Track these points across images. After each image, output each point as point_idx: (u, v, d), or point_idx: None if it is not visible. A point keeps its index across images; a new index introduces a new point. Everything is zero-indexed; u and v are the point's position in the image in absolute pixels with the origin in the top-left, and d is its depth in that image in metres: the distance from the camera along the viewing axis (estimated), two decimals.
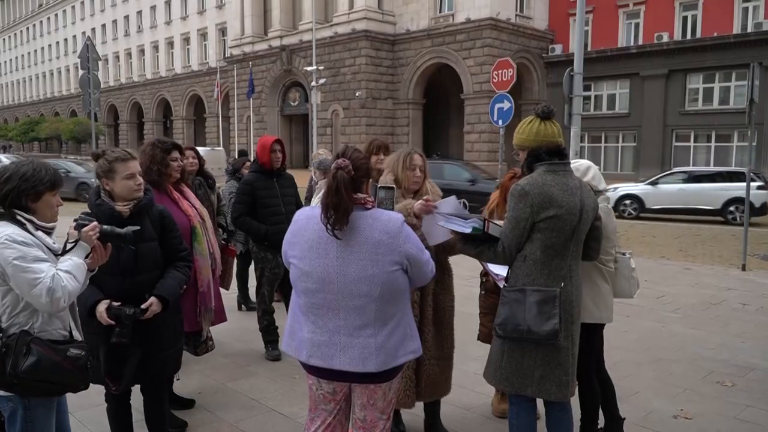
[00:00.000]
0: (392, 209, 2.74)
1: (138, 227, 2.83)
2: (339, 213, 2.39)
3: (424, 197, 3.18)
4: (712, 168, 24.02)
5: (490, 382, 3.17)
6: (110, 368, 3.10)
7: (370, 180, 2.65)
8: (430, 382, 3.62)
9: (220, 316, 4.51)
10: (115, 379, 3.14)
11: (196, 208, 4.21)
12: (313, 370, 2.59)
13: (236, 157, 14.05)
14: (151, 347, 3.18)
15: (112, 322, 2.95)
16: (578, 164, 3.64)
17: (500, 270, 3.55)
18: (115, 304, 2.98)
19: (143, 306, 3.06)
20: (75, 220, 2.70)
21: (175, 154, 4.16)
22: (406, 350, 2.59)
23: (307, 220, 2.54)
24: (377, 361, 2.48)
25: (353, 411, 2.68)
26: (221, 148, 33.71)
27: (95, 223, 2.68)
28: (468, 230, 2.92)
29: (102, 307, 2.96)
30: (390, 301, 2.50)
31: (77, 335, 2.74)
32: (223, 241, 5.63)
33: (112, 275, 3.02)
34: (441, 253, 3.56)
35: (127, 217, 3.07)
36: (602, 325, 3.68)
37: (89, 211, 3.05)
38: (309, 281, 2.49)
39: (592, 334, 3.59)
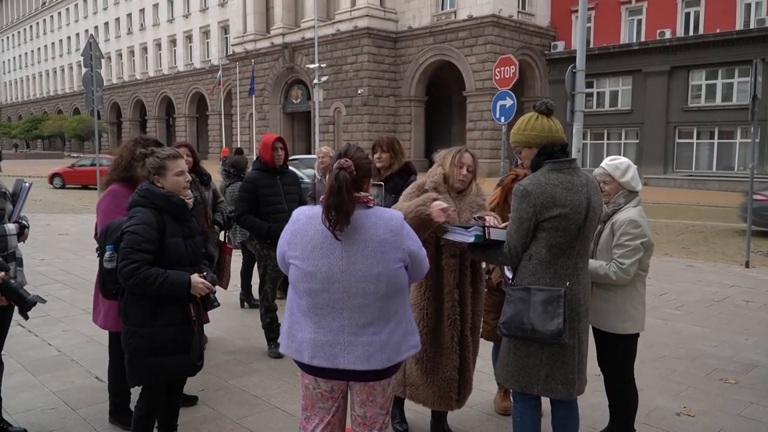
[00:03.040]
0: (380, 205, 2.75)
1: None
2: (340, 214, 2.38)
3: (442, 206, 3.15)
4: None
5: (498, 380, 3.18)
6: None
7: (371, 178, 2.64)
8: (469, 387, 3.68)
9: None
10: (199, 356, 3.33)
11: None
12: (314, 370, 2.57)
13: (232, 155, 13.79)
14: None
15: (214, 288, 3.25)
16: (618, 162, 3.58)
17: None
18: (201, 274, 3.23)
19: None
20: None
21: None
22: (408, 345, 2.61)
23: (308, 220, 2.52)
24: (382, 358, 2.49)
25: (352, 408, 2.68)
26: None
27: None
28: (471, 239, 2.94)
29: (199, 277, 3.17)
30: (393, 298, 2.51)
31: None
32: (221, 239, 5.62)
33: (183, 266, 3.18)
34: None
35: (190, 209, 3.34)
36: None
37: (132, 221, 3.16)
38: (313, 282, 2.47)
39: (635, 342, 3.64)
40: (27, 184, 3.86)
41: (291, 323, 2.61)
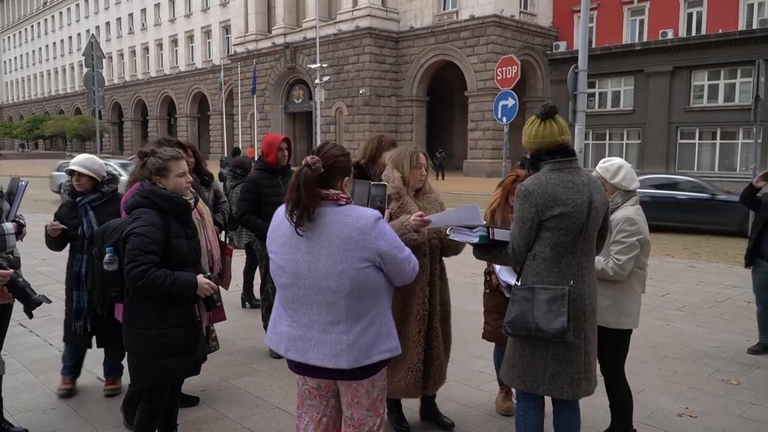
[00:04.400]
0: (384, 206, 2.77)
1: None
2: (299, 209, 2.42)
3: (417, 213, 3.29)
4: None
5: (504, 381, 3.17)
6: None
7: (348, 177, 2.59)
8: (440, 375, 3.74)
9: (218, 315, 4.50)
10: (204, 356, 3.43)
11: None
12: (291, 364, 2.62)
13: (229, 155, 13.56)
14: None
15: (216, 288, 3.29)
16: (609, 164, 3.67)
17: (508, 278, 3.61)
18: (204, 275, 3.27)
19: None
20: None
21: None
22: (380, 349, 2.53)
23: (284, 215, 2.55)
24: (348, 358, 2.46)
25: (344, 408, 2.69)
26: None
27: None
28: (475, 239, 2.95)
29: (204, 279, 3.20)
30: (362, 299, 2.46)
31: None
32: (221, 240, 5.61)
33: (186, 267, 3.20)
34: (448, 251, 3.70)
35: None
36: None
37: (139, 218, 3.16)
38: (284, 276, 2.53)
39: (628, 339, 3.69)
40: (23, 183, 3.85)
41: (275, 316, 2.68)
